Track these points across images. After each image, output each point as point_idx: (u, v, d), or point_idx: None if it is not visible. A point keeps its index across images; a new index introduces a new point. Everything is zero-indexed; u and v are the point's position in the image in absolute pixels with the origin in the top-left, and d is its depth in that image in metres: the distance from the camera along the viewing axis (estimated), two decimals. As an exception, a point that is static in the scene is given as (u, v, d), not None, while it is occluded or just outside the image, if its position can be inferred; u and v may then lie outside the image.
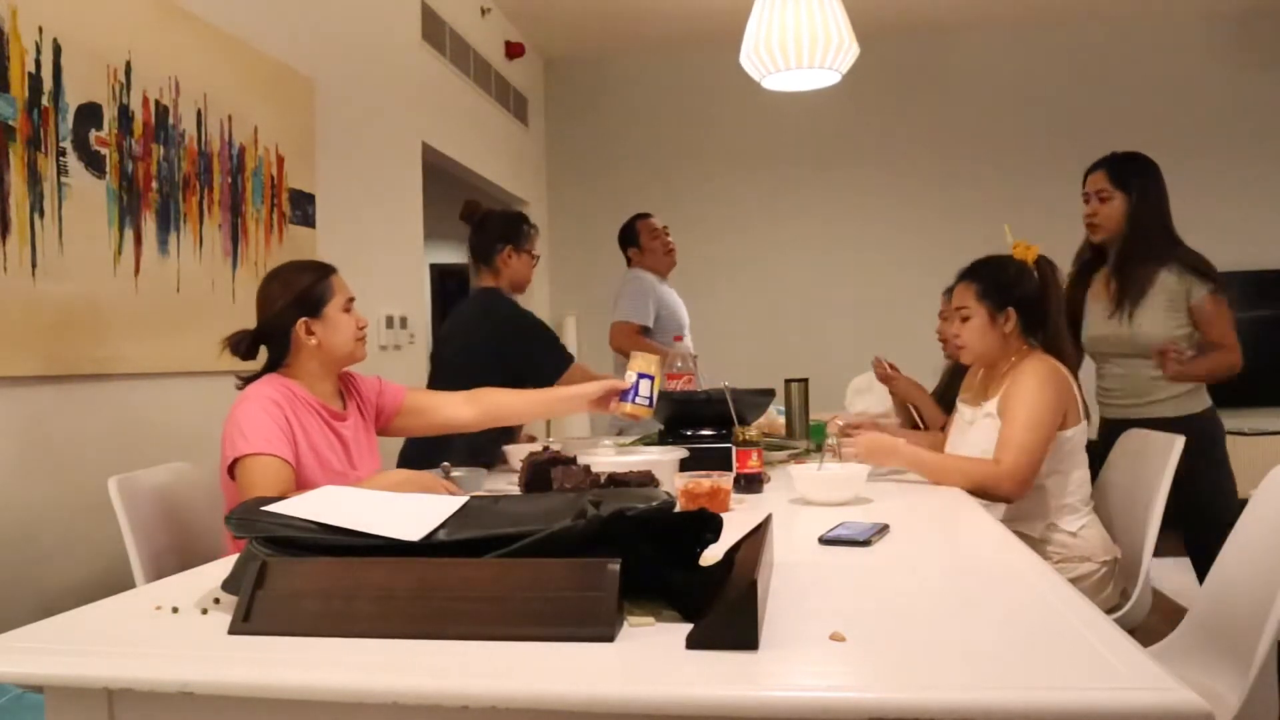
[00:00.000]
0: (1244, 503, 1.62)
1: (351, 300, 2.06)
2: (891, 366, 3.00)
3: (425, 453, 2.51)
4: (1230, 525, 1.62)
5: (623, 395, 2.16)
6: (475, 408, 2.26)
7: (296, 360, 2.02)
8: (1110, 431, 2.67)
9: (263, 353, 2.06)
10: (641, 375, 2.15)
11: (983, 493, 2.08)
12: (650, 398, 2.15)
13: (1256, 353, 5.66)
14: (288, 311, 1.99)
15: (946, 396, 2.90)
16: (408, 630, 1.02)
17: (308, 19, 3.33)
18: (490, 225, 3.06)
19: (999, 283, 2.30)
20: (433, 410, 2.25)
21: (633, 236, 4.11)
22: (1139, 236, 2.76)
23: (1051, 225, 2.04)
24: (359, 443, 2.09)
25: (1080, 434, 2.20)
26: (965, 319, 2.33)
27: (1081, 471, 2.23)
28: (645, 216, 4.13)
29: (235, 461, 1.84)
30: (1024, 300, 2.29)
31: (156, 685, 0.96)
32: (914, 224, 5.93)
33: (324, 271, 2.05)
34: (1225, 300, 2.72)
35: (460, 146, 4.76)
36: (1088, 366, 2.74)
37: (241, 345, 2.01)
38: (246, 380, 2.01)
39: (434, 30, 4.45)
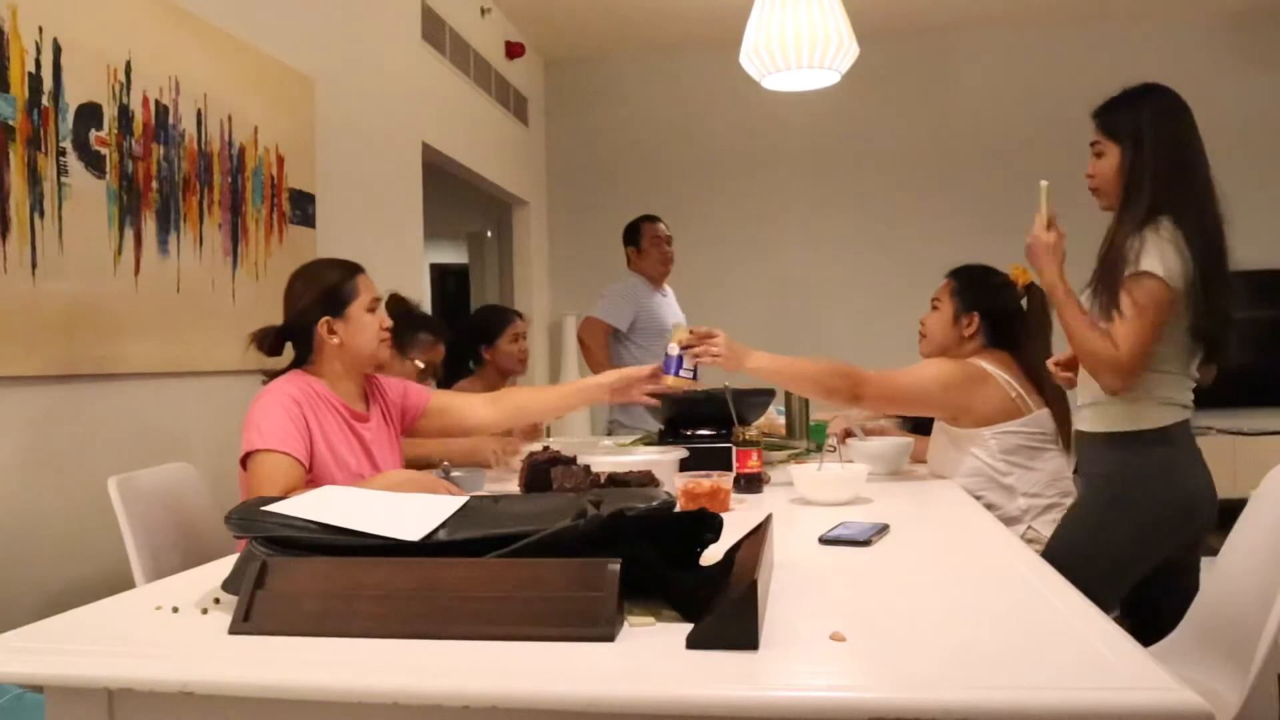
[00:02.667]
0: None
1: (377, 300, 2.07)
2: None
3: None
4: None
5: (665, 367, 2.17)
6: (497, 408, 2.27)
7: (320, 358, 2.02)
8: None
9: (289, 349, 2.07)
10: (685, 348, 2.15)
11: (828, 395, 2.20)
12: (694, 370, 2.16)
13: (1257, 353, 5.71)
14: (312, 309, 1.99)
15: None
16: (408, 630, 1.02)
17: (308, 19, 3.33)
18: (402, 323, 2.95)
19: (975, 286, 2.37)
20: (455, 411, 2.26)
21: (635, 236, 4.13)
22: (1130, 199, 1.91)
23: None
24: (380, 444, 2.09)
25: (1033, 427, 2.22)
26: (935, 309, 2.43)
27: (1048, 465, 2.24)
28: (653, 221, 4.14)
29: (248, 456, 1.85)
30: (993, 311, 2.34)
31: (156, 685, 0.96)
32: (914, 223, 5.93)
33: (350, 270, 2.05)
34: (1151, 291, 1.81)
35: (460, 146, 4.76)
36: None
37: (266, 341, 2.02)
38: (272, 375, 2.02)
39: (434, 30, 4.45)
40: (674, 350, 2.16)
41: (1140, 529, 1.85)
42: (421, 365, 2.93)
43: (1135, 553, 1.81)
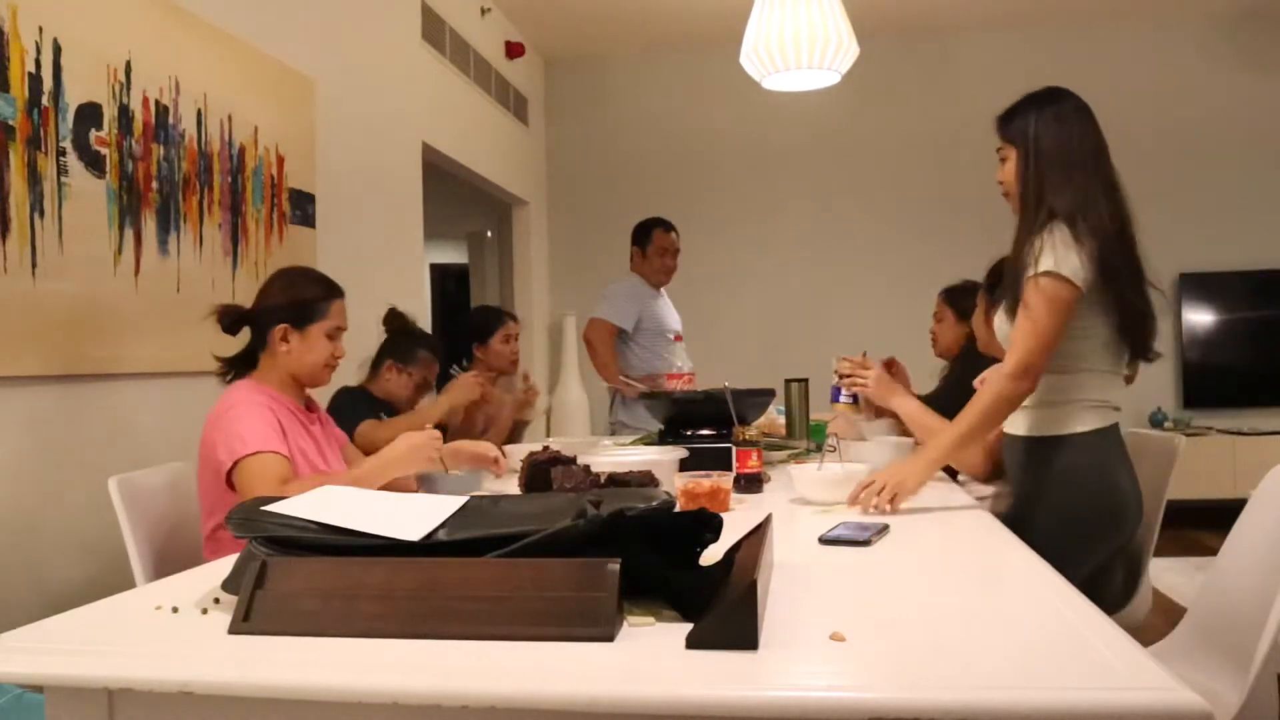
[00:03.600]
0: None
1: (340, 330, 2.08)
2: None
3: None
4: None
5: (831, 395, 2.37)
6: None
7: (266, 361, 2.04)
8: None
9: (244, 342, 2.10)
10: (842, 377, 2.30)
11: (958, 464, 2.16)
12: (854, 397, 2.34)
13: (1256, 353, 5.72)
14: (277, 311, 2.02)
15: (941, 398, 2.90)
16: (408, 630, 1.02)
17: (308, 19, 3.33)
18: (389, 338, 3.01)
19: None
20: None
21: (644, 239, 4.12)
22: (1025, 202, 1.93)
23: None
24: (329, 442, 2.14)
25: None
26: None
27: None
28: (666, 230, 4.13)
29: (235, 464, 1.84)
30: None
31: (156, 685, 0.96)
32: (913, 224, 5.93)
33: (329, 291, 2.08)
34: (1046, 289, 1.78)
35: (460, 146, 4.76)
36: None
37: (227, 318, 2.05)
38: (228, 363, 2.06)
39: (434, 30, 4.45)
40: (835, 380, 2.36)
41: (1069, 536, 1.79)
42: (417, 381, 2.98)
43: (1063, 561, 1.68)
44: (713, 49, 5.87)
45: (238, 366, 2.08)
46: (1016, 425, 1.95)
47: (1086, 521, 1.84)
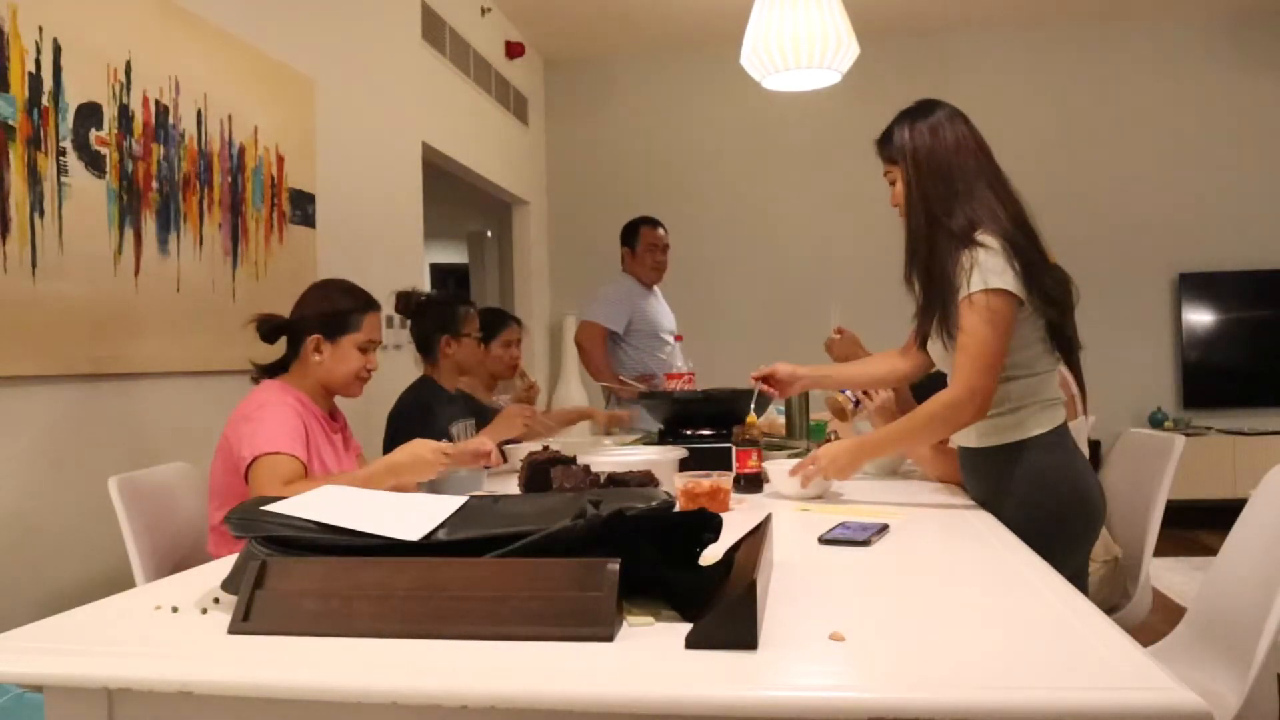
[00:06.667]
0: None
1: (374, 343, 2.11)
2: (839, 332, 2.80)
3: None
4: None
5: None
6: None
7: (300, 369, 2.08)
8: None
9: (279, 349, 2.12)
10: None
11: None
12: (855, 400, 2.48)
13: (1256, 353, 5.72)
14: (311, 321, 2.06)
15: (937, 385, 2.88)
16: (408, 630, 1.02)
17: (308, 19, 3.33)
18: (421, 318, 2.88)
19: None
20: None
21: (632, 238, 4.13)
22: (914, 218, 1.91)
23: (1050, 222, 1.99)
24: (349, 454, 2.17)
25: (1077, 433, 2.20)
26: None
27: None
28: (653, 226, 4.13)
29: (254, 460, 1.86)
30: None
31: (156, 685, 0.96)
32: (914, 224, 5.92)
33: (363, 304, 2.11)
34: (992, 306, 1.72)
35: (460, 146, 4.76)
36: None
37: (265, 327, 2.08)
38: (262, 370, 2.09)
39: (434, 30, 4.45)
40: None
41: (1049, 539, 1.65)
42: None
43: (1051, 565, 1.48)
44: (713, 49, 5.87)
45: (272, 373, 2.11)
46: (971, 437, 1.89)
47: (1064, 522, 1.80)
